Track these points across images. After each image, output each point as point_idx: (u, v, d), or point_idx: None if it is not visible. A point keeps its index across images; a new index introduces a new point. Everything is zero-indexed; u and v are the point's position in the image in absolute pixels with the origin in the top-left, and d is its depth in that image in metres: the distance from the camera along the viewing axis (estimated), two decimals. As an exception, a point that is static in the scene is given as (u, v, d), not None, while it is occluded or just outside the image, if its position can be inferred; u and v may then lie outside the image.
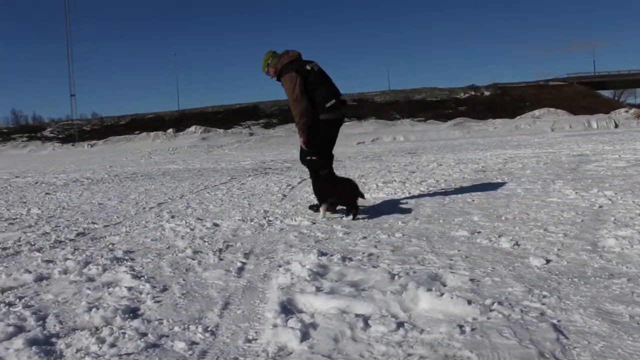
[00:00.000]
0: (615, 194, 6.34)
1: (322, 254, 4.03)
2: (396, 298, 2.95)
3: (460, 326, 2.55)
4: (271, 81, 6.05)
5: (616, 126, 37.35)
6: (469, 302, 2.80)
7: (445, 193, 7.36)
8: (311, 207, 6.35)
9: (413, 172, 10.99)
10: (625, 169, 9.37)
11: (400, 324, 2.62)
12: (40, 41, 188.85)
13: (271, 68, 5.99)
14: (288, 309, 2.95)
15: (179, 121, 61.22)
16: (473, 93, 72.02)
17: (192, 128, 47.45)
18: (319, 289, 3.22)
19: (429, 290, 3.00)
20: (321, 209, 5.85)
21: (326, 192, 5.85)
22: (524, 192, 7.05)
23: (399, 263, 3.75)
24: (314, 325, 2.68)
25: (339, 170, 12.78)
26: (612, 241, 4.07)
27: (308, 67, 5.78)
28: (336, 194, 5.86)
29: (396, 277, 3.38)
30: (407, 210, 6.01)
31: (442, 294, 2.91)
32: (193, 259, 4.20)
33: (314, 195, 6.26)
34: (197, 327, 2.75)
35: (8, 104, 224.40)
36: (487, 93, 71.71)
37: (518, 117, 48.90)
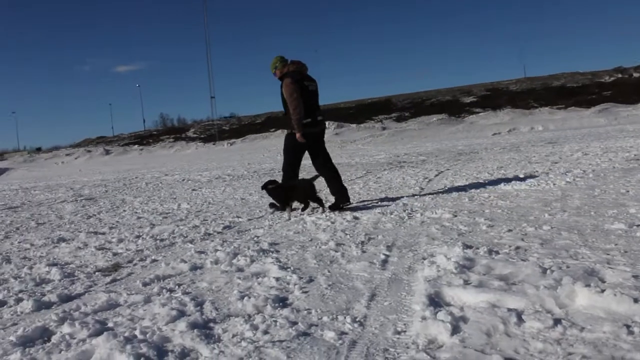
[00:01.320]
0: None
1: (467, 246, 3.93)
2: (550, 293, 2.80)
3: (627, 326, 2.37)
4: (404, 74, 6.12)
5: None
6: (635, 301, 2.59)
7: (594, 184, 6.90)
8: (272, 206, 7.06)
9: (556, 163, 10.44)
10: None
11: (557, 321, 2.48)
12: (182, 47, 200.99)
13: (278, 70, 6.77)
14: (436, 301, 2.90)
15: (312, 117, 62.46)
16: (620, 76, 66.84)
17: (327, 124, 48.34)
18: (466, 282, 3.14)
19: (587, 286, 2.82)
20: (287, 210, 6.53)
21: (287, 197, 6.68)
22: (687, 181, 6.45)
23: (549, 257, 3.57)
24: (464, 319, 2.62)
25: (476, 162, 12.43)
26: None
27: (306, 83, 6.66)
28: (292, 197, 6.65)
29: (548, 271, 3.21)
30: (553, 202, 5.71)
31: (602, 291, 2.72)
32: (336, 251, 4.27)
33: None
34: (345, 318, 2.79)
35: (157, 109, 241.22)
36: (636, 75, 66.25)
37: (674, 100, 44.69)
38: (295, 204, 6.71)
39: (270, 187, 6.85)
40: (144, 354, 2.48)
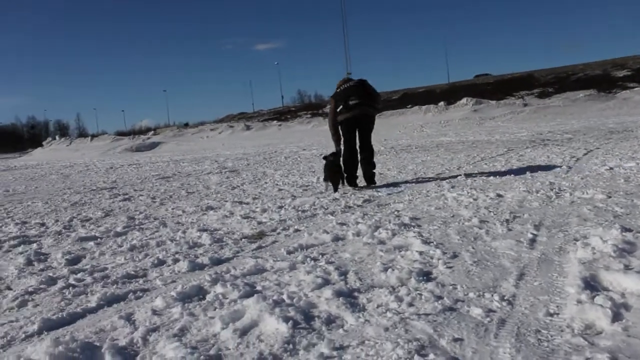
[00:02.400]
0: None
1: (626, 229, 3.63)
2: None
3: None
4: (547, 48, 5.79)
5: None
6: None
7: None
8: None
9: None
10: None
11: None
12: (319, 24, 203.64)
13: None
14: (592, 285, 2.73)
15: (450, 94, 61.00)
16: None
17: (464, 100, 46.79)
18: (627, 267, 2.91)
19: None
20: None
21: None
22: None
23: None
24: (626, 306, 2.43)
25: (630, 141, 11.52)
26: None
27: (337, 90, 7.63)
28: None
29: None
30: None
31: None
32: (480, 228, 4.14)
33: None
34: (492, 295, 2.70)
35: (294, 86, 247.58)
36: None
37: None
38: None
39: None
40: (292, 317, 2.56)
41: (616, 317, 2.32)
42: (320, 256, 3.70)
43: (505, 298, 2.67)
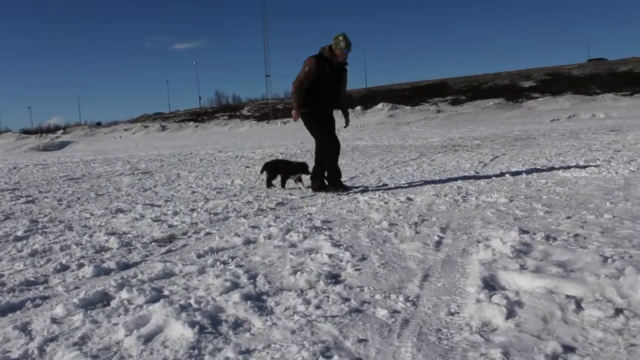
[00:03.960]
0: None
1: (524, 231, 3.83)
2: (612, 282, 2.71)
3: (694, 319, 2.28)
4: (460, 56, 6.05)
5: None
6: None
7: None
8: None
9: (618, 151, 10.08)
10: None
11: (618, 311, 2.40)
12: (239, 26, 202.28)
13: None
14: (491, 285, 2.86)
15: (367, 98, 62.09)
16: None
17: (380, 105, 47.91)
18: (523, 267, 3.07)
19: (652, 276, 2.71)
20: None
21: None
22: None
23: (610, 246, 3.44)
24: (519, 304, 2.56)
25: (533, 148, 12.14)
26: None
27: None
28: None
29: (609, 260, 3.10)
30: (615, 191, 5.52)
31: (668, 282, 2.62)
32: (389, 231, 4.25)
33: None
34: (397, 297, 2.77)
35: (212, 87, 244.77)
36: None
37: None
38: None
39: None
40: (199, 322, 2.53)
41: (510, 314, 2.44)
42: (231, 259, 3.68)
43: (409, 299, 2.75)
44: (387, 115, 42.64)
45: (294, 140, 25.32)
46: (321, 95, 6.80)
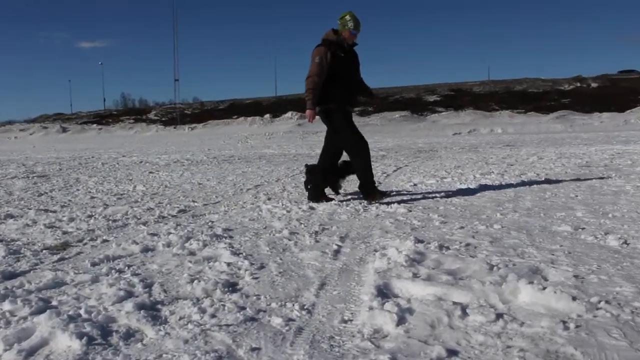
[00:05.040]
0: None
1: (419, 241, 3.98)
2: (495, 289, 2.88)
3: (564, 322, 2.45)
4: (369, 67, 6.17)
5: None
6: (574, 299, 2.68)
7: (546, 187, 7.07)
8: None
9: (512, 165, 10.65)
10: None
11: (499, 315, 2.55)
12: (148, 27, 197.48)
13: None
14: (384, 292, 2.95)
15: (276, 107, 62.19)
16: (579, 84, 68.42)
17: (289, 114, 48.14)
18: (415, 275, 3.19)
19: (530, 283, 2.90)
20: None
21: None
22: (633, 189, 6.66)
23: (497, 254, 3.65)
24: (410, 311, 2.66)
25: (435, 160, 12.60)
26: None
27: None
28: None
29: (495, 268, 3.29)
30: (506, 202, 5.84)
31: (544, 288, 2.81)
32: (290, 240, 4.28)
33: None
34: (293, 305, 2.80)
35: (118, 89, 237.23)
36: (594, 85, 67.92)
37: (628, 111, 45.89)
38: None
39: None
40: (87, 333, 2.45)
41: (401, 321, 2.53)
42: (127, 268, 3.58)
43: (305, 307, 2.78)
44: (295, 124, 42.91)
45: (201, 146, 24.96)
46: (339, 87, 6.02)
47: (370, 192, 6.10)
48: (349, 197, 6.58)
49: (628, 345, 2.23)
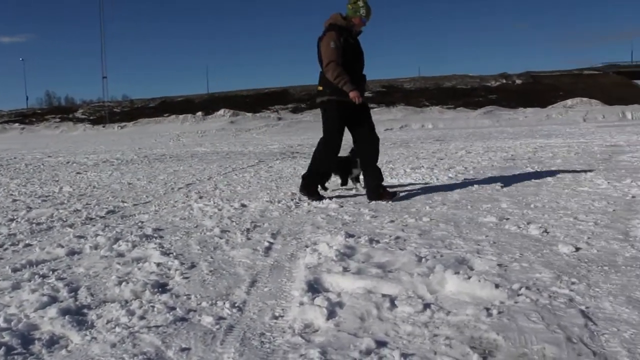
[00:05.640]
0: (649, 184, 6.22)
1: (350, 235, 4.04)
2: (423, 280, 2.95)
3: (487, 309, 2.54)
4: (301, 66, 6.11)
5: (651, 117, 36.56)
6: (496, 286, 2.79)
7: (474, 180, 7.30)
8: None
9: (441, 159, 10.92)
10: (659, 159, 9.19)
11: (426, 305, 2.62)
12: (74, 23, 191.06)
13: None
14: (315, 287, 2.97)
15: (208, 104, 61.47)
16: (504, 81, 70.84)
17: (221, 111, 47.67)
18: (345, 269, 3.23)
19: (456, 273, 2.99)
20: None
21: None
22: (554, 180, 6.96)
23: (426, 247, 3.74)
24: (340, 304, 2.69)
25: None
26: (645, 231, 4.00)
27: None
28: None
29: (423, 259, 3.37)
30: (435, 196, 5.98)
31: (469, 277, 2.91)
32: (221, 238, 4.25)
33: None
34: (224, 303, 2.78)
35: (42, 86, 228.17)
36: (518, 81, 70.48)
37: (550, 106, 47.98)
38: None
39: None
40: (6, 342, 2.35)
41: (331, 315, 2.56)
42: (51, 272, 3.46)
43: (236, 305, 2.77)
44: (228, 121, 42.53)
45: (132, 145, 24.36)
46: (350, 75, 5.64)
47: (377, 191, 5.83)
48: (282, 194, 6.58)
49: (545, 327, 2.34)
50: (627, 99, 51.13)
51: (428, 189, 6.53)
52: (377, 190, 5.81)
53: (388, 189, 5.92)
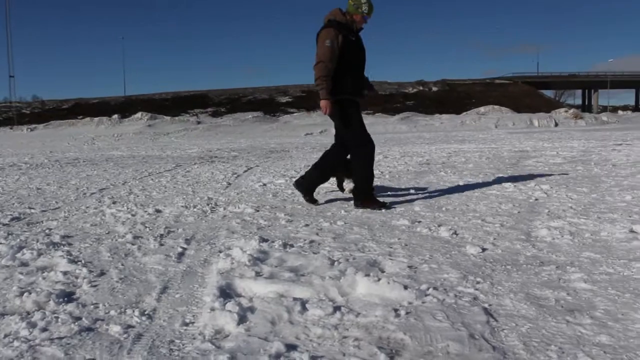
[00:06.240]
0: (551, 187, 6.57)
1: (264, 240, 4.04)
2: (334, 283, 3.00)
3: (396, 310, 2.61)
4: (223, 70, 6.03)
5: (556, 125, 38.60)
6: (405, 287, 2.87)
7: (389, 184, 7.47)
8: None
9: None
10: (561, 165, 9.72)
11: (337, 308, 2.66)
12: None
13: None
14: (227, 293, 2.95)
15: (125, 107, 59.87)
16: (421, 88, 73.06)
17: (138, 114, 46.39)
18: (258, 274, 3.23)
19: (367, 275, 3.05)
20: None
21: None
22: (465, 184, 7.23)
23: (339, 250, 3.80)
24: (251, 309, 2.69)
25: (286, 160, 12.79)
26: (545, 231, 4.22)
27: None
28: None
29: (336, 263, 3.42)
30: (350, 200, 6.07)
31: (379, 279, 2.97)
32: (133, 244, 4.14)
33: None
34: (133, 311, 2.72)
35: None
36: (434, 88, 72.84)
37: (464, 113, 49.76)
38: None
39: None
40: None
41: (242, 320, 2.55)
42: (-54, 283, 3.26)
43: (145, 313, 2.71)
44: (146, 125, 41.43)
45: (42, 148, 23.31)
46: (350, 76, 5.40)
47: (366, 199, 5.57)
48: (198, 198, 6.49)
49: (450, 325, 2.43)
50: (534, 107, 53.96)
51: (344, 194, 6.62)
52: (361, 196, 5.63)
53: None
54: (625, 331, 2.38)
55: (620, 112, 60.67)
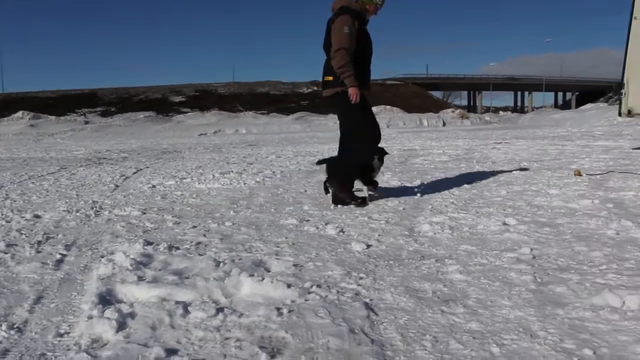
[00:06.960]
0: (435, 184, 6.86)
1: (149, 243, 3.94)
2: (219, 284, 2.98)
3: (278, 309, 2.63)
4: (112, 67, 5.83)
5: (444, 124, 40.37)
6: (289, 286, 2.90)
7: (280, 184, 7.51)
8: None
9: (251, 164, 11.06)
10: (446, 162, 10.17)
11: (220, 309, 2.64)
12: None
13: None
14: (107, 299, 2.85)
15: (3, 106, 56.19)
16: (315, 88, 73.78)
17: (19, 113, 43.77)
18: (141, 278, 3.14)
19: (251, 275, 3.05)
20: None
21: None
22: (354, 182, 7.39)
23: (226, 251, 3.78)
24: (132, 315, 2.62)
25: (177, 161, 12.53)
26: (427, 227, 4.40)
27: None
28: None
29: (221, 264, 3.40)
30: (240, 200, 6.05)
31: (263, 279, 2.98)
32: (6, 253, 3.89)
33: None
34: (1, 325, 2.56)
35: None
36: (328, 88, 73.75)
37: (356, 112, 50.81)
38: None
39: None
40: None
41: (121, 327, 2.48)
42: None
43: (15, 326, 2.56)
44: (27, 125, 39.15)
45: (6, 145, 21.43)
46: (360, 66, 5.18)
47: (343, 187, 5.52)
48: (82, 202, 6.21)
49: (331, 321, 2.49)
50: (423, 107, 56.12)
51: (234, 194, 6.59)
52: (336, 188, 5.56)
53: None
54: (492, 317, 2.53)
55: (501, 112, 64.72)
